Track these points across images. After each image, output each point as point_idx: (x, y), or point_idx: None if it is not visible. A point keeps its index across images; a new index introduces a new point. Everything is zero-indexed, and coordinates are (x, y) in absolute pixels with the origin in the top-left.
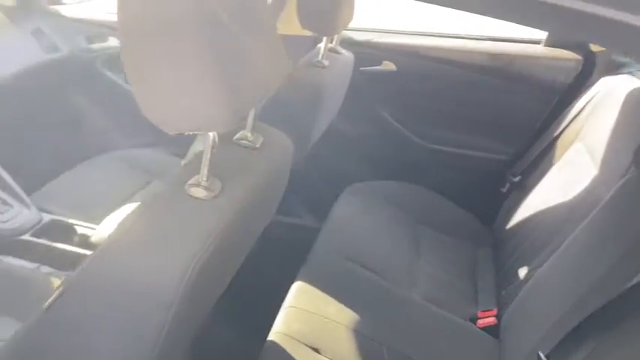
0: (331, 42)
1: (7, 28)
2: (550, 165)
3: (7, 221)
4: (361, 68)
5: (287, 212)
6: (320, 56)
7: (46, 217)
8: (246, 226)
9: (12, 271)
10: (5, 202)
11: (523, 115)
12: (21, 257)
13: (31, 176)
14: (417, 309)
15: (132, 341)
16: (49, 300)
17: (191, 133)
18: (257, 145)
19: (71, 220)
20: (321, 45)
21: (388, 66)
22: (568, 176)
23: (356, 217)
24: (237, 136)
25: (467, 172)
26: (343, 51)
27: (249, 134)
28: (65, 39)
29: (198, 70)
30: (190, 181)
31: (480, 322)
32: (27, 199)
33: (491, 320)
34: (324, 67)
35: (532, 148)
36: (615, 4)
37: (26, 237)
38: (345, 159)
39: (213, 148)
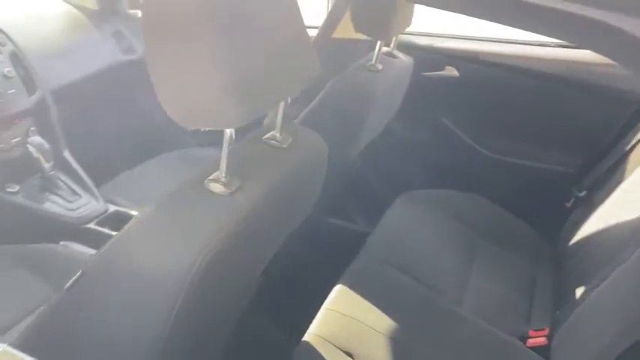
0: (389, 46)
1: (90, 30)
2: (619, 181)
3: (75, 210)
4: (423, 73)
5: (340, 215)
6: (374, 60)
7: (111, 208)
8: (265, 223)
9: (76, 257)
10: (75, 193)
11: (593, 127)
12: (85, 244)
13: (103, 170)
14: (462, 322)
15: (141, 324)
16: (71, 280)
17: (207, 129)
18: (284, 146)
19: (133, 212)
20: (375, 49)
21: (450, 72)
22: (637, 194)
23: (408, 225)
24: (267, 135)
25: (530, 185)
26: (401, 55)
27: (277, 134)
28: (142, 41)
29: (213, 68)
30: (211, 177)
31: (530, 341)
32: (95, 191)
33: (542, 340)
34: (377, 70)
35: (601, 162)
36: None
37: (91, 225)
38: (403, 164)
39: (229, 144)
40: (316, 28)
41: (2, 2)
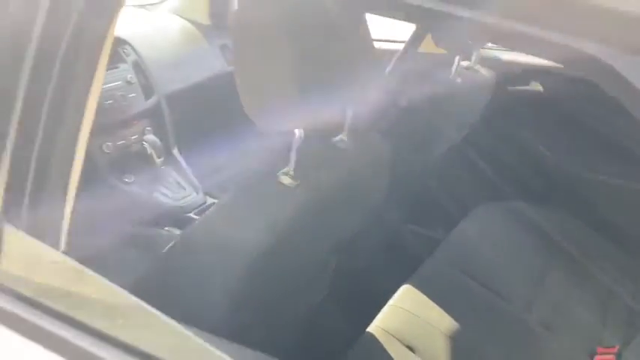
0: (470, 60)
1: (201, 43)
2: None
3: (179, 200)
4: (506, 87)
5: (417, 221)
6: (452, 73)
7: (209, 201)
8: (326, 215)
9: None
10: (180, 185)
11: None
12: None
13: (207, 166)
14: (527, 331)
15: (217, 286)
16: (166, 248)
17: (279, 130)
18: (350, 148)
19: None
20: (454, 63)
21: (535, 87)
22: None
23: (483, 234)
24: (335, 138)
25: (613, 202)
26: (482, 70)
27: (344, 137)
28: None
29: (287, 74)
30: (282, 170)
31: (597, 357)
32: (198, 185)
33: (610, 358)
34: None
35: None
36: None
37: (191, 215)
38: (483, 176)
39: (298, 143)
40: (395, 42)
41: (131, 18)
